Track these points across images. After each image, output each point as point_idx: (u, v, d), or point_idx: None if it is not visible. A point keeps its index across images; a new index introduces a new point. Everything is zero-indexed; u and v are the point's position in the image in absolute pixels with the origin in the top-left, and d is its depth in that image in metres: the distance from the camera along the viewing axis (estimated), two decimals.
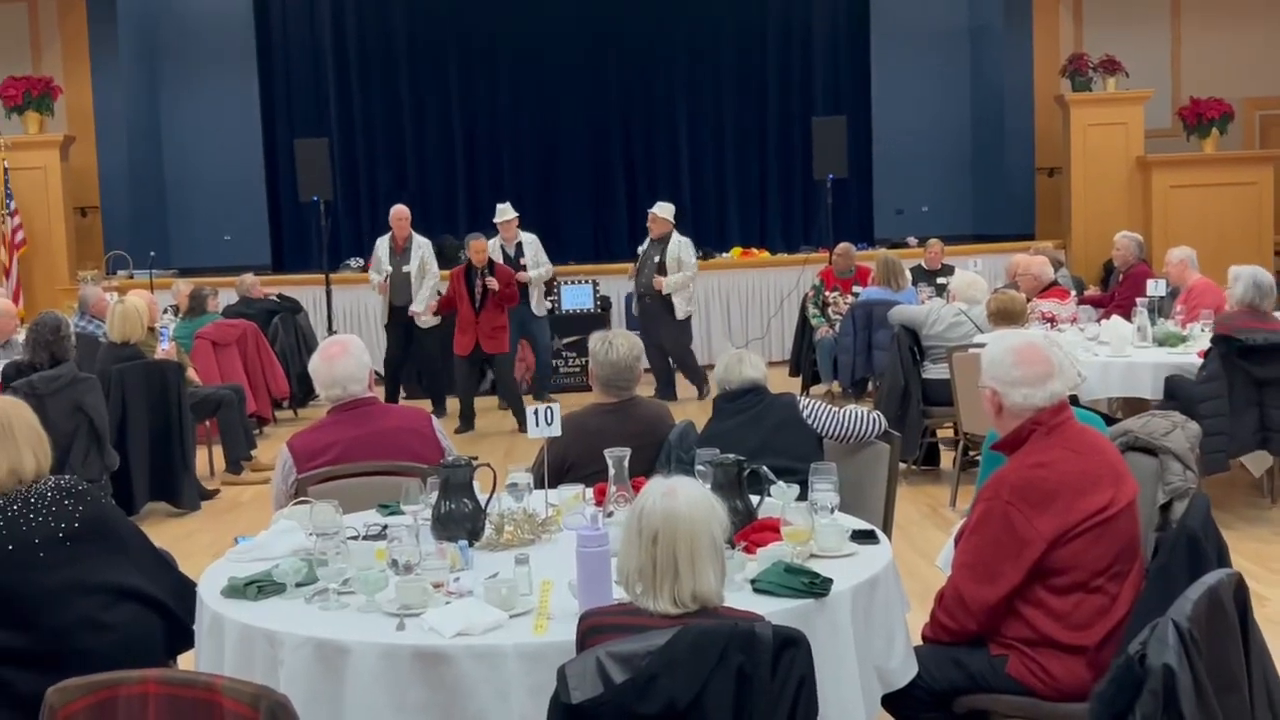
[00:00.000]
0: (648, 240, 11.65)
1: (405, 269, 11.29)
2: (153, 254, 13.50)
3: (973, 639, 3.49)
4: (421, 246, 11.43)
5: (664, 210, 11.53)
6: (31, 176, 13.70)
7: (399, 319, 11.35)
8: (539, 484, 4.09)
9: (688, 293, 11.47)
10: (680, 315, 11.34)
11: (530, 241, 11.43)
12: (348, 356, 4.58)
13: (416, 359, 11.61)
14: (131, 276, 13.51)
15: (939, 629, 3.53)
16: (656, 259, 11.43)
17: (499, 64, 15.45)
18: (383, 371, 11.46)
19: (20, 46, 14.56)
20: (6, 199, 13.41)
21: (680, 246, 11.43)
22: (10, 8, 14.43)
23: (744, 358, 4.95)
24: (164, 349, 8.96)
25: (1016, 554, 3.36)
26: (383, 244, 11.45)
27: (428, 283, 11.35)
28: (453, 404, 11.06)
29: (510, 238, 11.36)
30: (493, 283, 10.49)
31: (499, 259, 11.07)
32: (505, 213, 11.40)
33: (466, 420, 10.77)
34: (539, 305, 11.52)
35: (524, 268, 11.21)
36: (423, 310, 11.26)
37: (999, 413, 3.57)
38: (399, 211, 11.46)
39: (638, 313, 11.73)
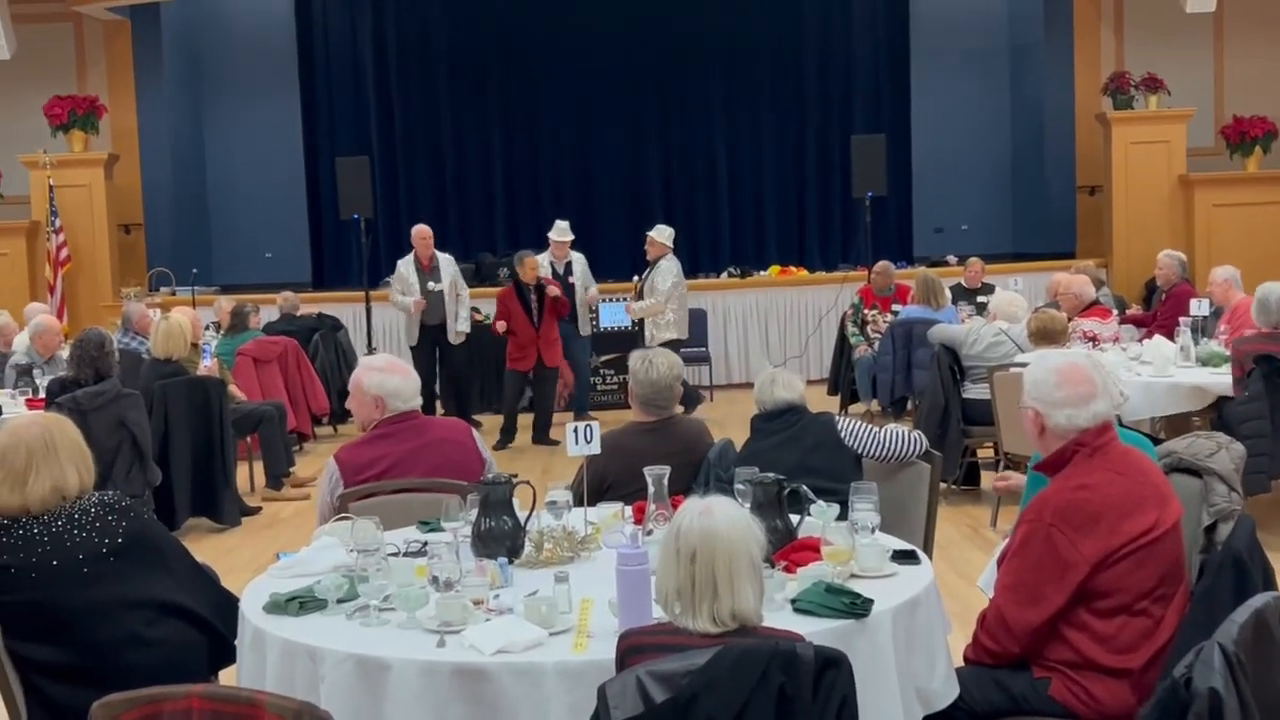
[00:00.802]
0: None
1: (436, 287, 11.32)
2: (195, 271, 13.64)
3: (1015, 661, 3.46)
4: (449, 263, 11.47)
5: (659, 234, 11.39)
6: (76, 194, 13.87)
7: (429, 336, 11.36)
8: (578, 502, 4.09)
9: (662, 319, 11.20)
10: (650, 341, 10.92)
11: (579, 260, 11.48)
12: (411, 373, 4.70)
13: (444, 375, 11.63)
14: (174, 293, 13.63)
15: (981, 651, 3.51)
16: (642, 284, 11.41)
17: (538, 83, 15.53)
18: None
19: (66, 66, 14.74)
20: (52, 216, 13.57)
21: (658, 272, 11.21)
22: (56, 28, 14.60)
23: (776, 378, 4.93)
24: (206, 365, 9.04)
25: (1060, 576, 3.33)
26: (408, 265, 11.42)
27: (464, 300, 11.40)
28: (492, 419, 11.09)
29: (561, 256, 11.38)
30: (554, 289, 10.58)
31: (547, 274, 11.12)
32: (565, 232, 11.42)
33: (509, 434, 10.80)
34: (584, 324, 11.55)
35: (571, 286, 11.26)
36: (467, 331, 11.30)
37: (1041, 434, 3.54)
38: (422, 230, 11.50)
39: None
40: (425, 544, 3.88)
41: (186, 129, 15.59)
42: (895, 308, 10.94)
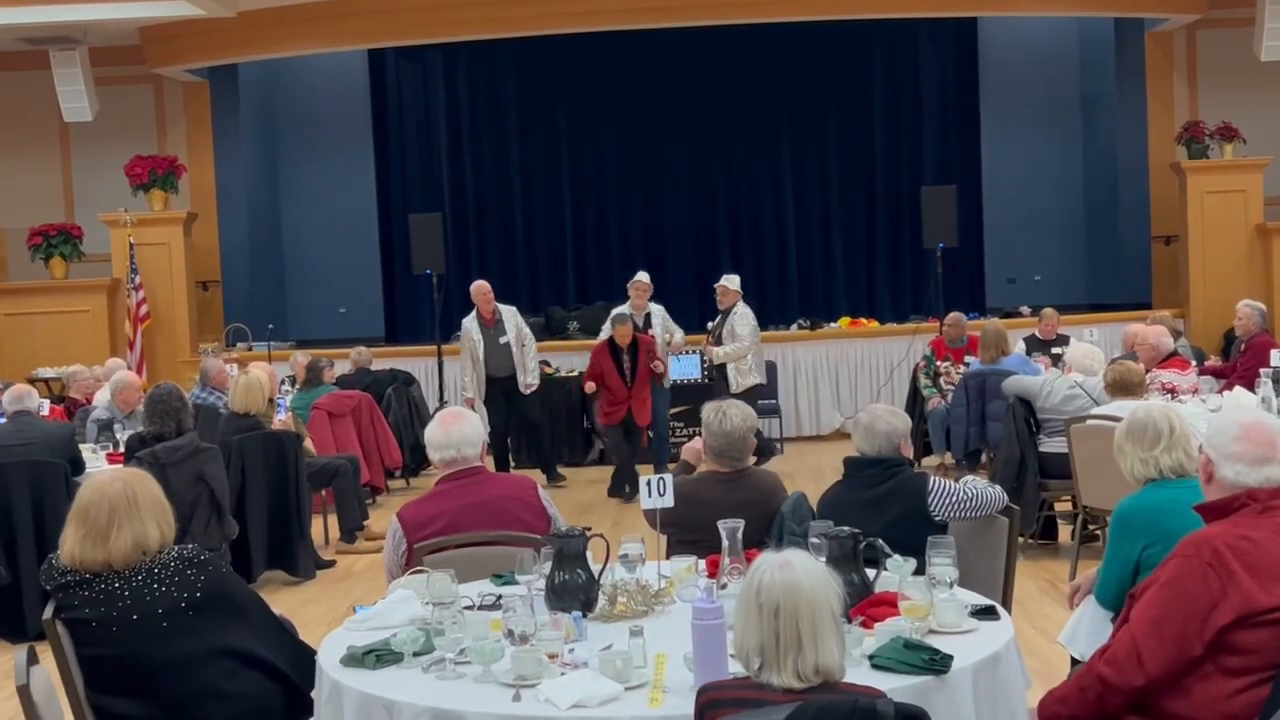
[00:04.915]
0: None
1: (503, 340, 11.37)
2: (271, 326, 13.82)
3: (1126, 702, 3.32)
4: (511, 315, 11.52)
5: (731, 281, 11.43)
6: (155, 252, 14.14)
7: (500, 389, 11.39)
8: (652, 523, 4.04)
9: (744, 365, 11.18)
10: (734, 388, 10.88)
11: (658, 312, 11.50)
12: (465, 421, 4.65)
13: (520, 427, 11.67)
14: (250, 349, 13.82)
15: (1095, 682, 3.33)
16: (719, 331, 11.39)
17: (606, 137, 15.66)
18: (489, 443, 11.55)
19: (146, 126, 15.09)
20: (132, 274, 13.83)
21: (736, 318, 11.23)
22: (138, 89, 14.96)
23: (859, 423, 4.73)
24: (281, 419, 9.13)
25: (1204, 618, 3.22)
26: (472, 322, 11.46)
27: (530, 351, 11.43)
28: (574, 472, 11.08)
29: (640, 308, 11.42)
30: (658, 365, 10.83)
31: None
32: (640, 278, 11.53)
33: (633, 484, 10.73)
34: (665, 375, 11.60)
35: (651, 338, 11.29)
36: (537, 383, 11.39)
37: (1209, 480, 3.48)
38: (480, 287, 11.56)
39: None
40: (500, 597, 3.88)
41: (263, 187, 15.85)
42: (968, 359, 10.85)
